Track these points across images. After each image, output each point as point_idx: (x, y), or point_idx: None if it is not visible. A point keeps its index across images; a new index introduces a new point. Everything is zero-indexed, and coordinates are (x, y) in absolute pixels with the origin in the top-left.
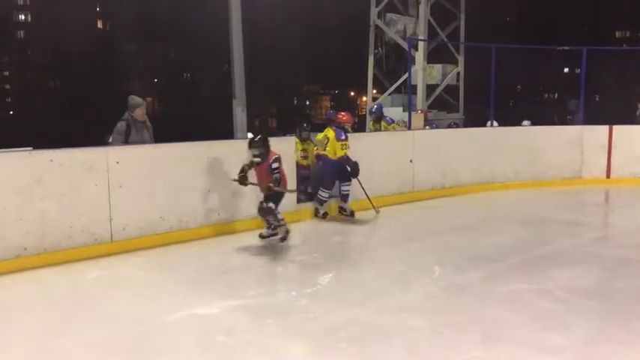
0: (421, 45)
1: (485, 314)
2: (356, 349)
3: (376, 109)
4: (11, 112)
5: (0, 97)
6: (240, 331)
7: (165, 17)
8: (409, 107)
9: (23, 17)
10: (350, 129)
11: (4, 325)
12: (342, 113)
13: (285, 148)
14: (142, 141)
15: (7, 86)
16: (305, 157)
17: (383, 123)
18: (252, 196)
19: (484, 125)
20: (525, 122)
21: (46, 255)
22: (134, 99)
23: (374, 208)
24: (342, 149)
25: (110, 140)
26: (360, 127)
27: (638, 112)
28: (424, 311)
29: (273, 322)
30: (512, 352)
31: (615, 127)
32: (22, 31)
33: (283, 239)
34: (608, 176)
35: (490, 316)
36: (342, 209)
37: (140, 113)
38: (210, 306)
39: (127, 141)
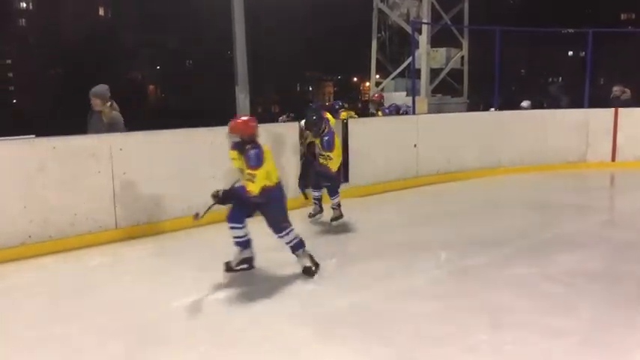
0: (425, 28)
1: (492, 298)
2: (362, 333)
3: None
4: (14, 101)
5: (2, 85)
6: (246, 316)
7: (167, 4)
8: (413, 92)
9: (24, 5)
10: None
11: (10, 312)
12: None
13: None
14: (95, 132)
15: (10, 74)
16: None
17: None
18: None
19: (485, 109)
20: (524, 103)
21: (51, 242)
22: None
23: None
24: None
25: None
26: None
27: (611, 96)
28: (430, 296)
29: (279, 307)
30: (518, 336)
31: (621, 110)
32: (23, 19)
33: None
34: (613, 159)
35: (496, 301)
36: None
37: (95, 103)
38: (215, 292)
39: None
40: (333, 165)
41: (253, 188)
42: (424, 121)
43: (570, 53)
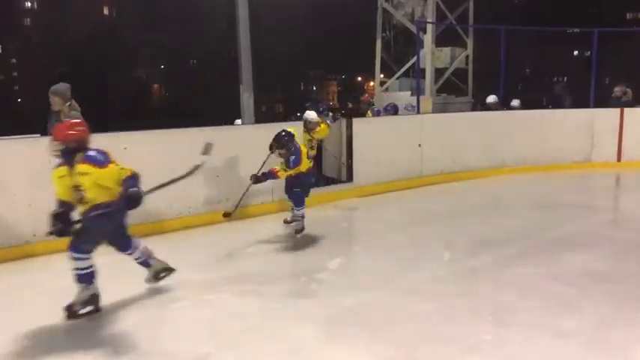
0: (429, 28)
1: (496, 298)
2: (366, 333)
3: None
4: (19, 100)
5: (7, 84)
6: (249, 316)
7: (171, 3)
8: (417, 91)
9: (29, 4)
10: None
11: (15, 310)
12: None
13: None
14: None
15: (15, 73)
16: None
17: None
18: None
19: (485, 107)
20: (515, 102)
21: (56, 241)
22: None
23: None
24: None
25: None
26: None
27: (613, 95)
28: (434, 295)
29: (282, 306)
30: (523, 336)
31: (626, 110)
32: (28, 19)
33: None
34: (619, 160)
35: (501, 300)
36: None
37: (54, 102)
38: (220, 291)
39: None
40: (282, 174)
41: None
42: (428, 120)
43: (576, 53)
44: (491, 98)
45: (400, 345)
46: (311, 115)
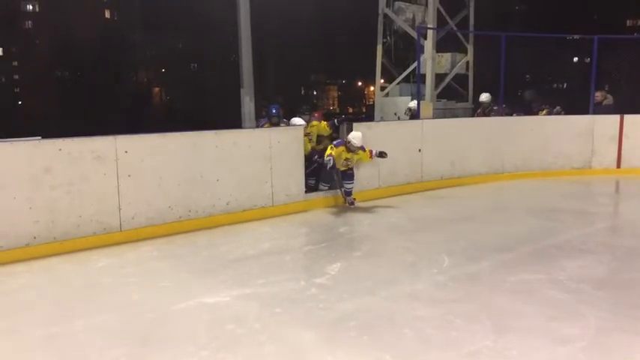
0: (430, 34)
1: (496, 304)
2: (366, 337)
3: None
4: (20, 102)
5: (8, 87)
6: (249, 319)
7: (173, 7)
8: (418, 97)
9: (31, 7)
10: None
11: (16, 312)
12: None
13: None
14: None
15: (16, 76)
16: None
17: None
18: (260, 185)
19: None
20: (483, 96)
21: (56, 244)
22: None
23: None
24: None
25: None
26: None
27: (595, 102)
28: (434, 300)
29: (282, 310)
30: (523, 342)
31: (626, 117)
32: (29, 22)
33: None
34: (618, 166)
35: (500, 306)
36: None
37: None
38: (219, 294)
39: None
40: None
41: None
42: (429, 125)
43: (575, 59)
44: (411, 103)
45: (400, 350)
46: (356, 138)
